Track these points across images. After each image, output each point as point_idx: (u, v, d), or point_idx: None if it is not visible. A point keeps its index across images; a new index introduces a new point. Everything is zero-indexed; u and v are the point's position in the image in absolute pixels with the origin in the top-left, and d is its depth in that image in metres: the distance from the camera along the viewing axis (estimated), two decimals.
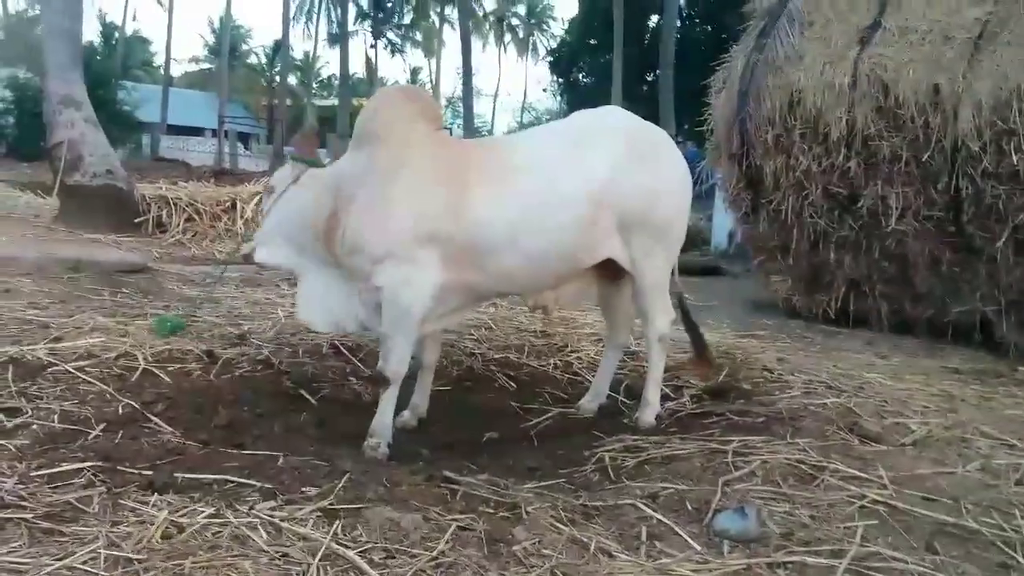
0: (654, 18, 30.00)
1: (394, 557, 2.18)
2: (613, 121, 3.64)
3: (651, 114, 4.39)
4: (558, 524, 2.48)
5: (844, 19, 6.89)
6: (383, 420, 3.31)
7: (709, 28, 28.66)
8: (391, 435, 3.32)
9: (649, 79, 29.92)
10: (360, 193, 3.25)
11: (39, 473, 2.55)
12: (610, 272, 3.69)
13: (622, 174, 3.40)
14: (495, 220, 3.23)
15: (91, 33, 44.51)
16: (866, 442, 3.33)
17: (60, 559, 2.03)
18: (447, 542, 2.27)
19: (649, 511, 2.63)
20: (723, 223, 12.20)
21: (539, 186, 3.31)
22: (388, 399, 3.32)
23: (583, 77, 34.09)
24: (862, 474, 2.93)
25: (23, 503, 2.33)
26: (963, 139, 6.02)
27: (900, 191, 6.41)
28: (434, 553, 2.20)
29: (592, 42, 32.23)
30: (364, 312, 3.40)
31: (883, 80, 6.35)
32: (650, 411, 3.74)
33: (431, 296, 3.25)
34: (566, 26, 41.11)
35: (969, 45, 6.16)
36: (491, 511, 2.55)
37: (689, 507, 2.69)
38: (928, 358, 5.64)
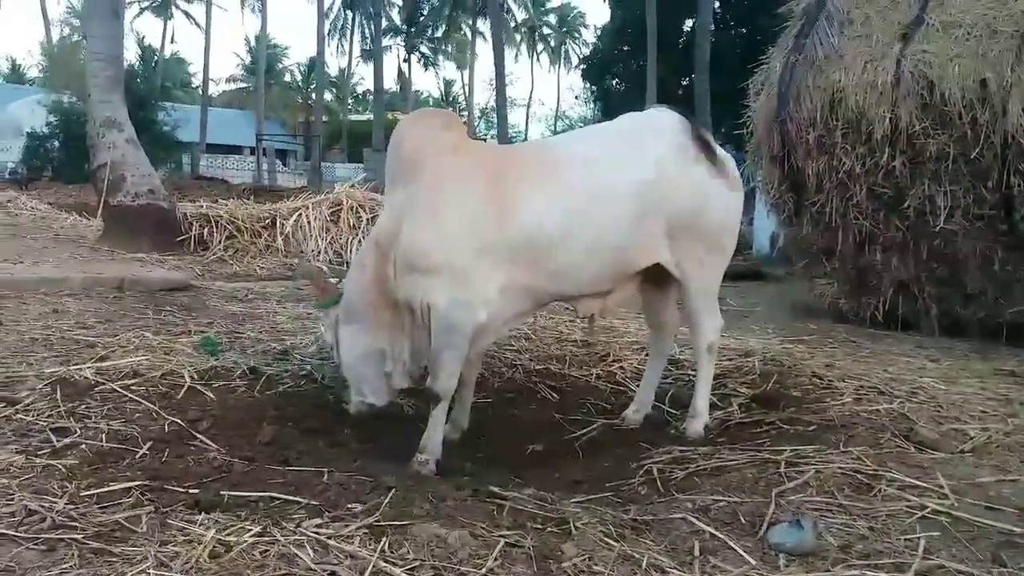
0: (688, 22, 29.82)
1: (442, 574, 2.15)
2: (660, 122, 3.60)
3: None
4: (608, 539, 2.43)
5: (885, 16, 6.76)
6: (433, 437, 3.27)
7: (744, 30, 28.42)
8: (440, 452, 3.29)
9: (684, 83, 29.71)
10: (406, 217, 3.20)
11: (88, 493, 2.56)
12: (655, 279, 3.63)
13: (668, 174, 3.35)
14: (543, 217, 3.19)
15: (130, 55, 45.46)
16: (923, 449, 3.23)
17: None
18: (495, 559, 2.23)
19: (701, 525, 2.56)
20: (765, 226, 12.06)
21: (582, 181, 3.27)
22: (438, 416, 3.28)
23: (616, 84, 33.97)
24: (921, 483, 2.84)
25: (73, 523, 2.34)
26: (1013, 134, 5.88)
27: (948, 190, 6.28)
28: (483, 571, 2.16)
29: (625, 48, 32.13)
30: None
31: (928, 76, 6.21)
32: (698, 421, 3.67)
33: (483, 310, 3.20)
34: (598, 33, 41.07)
35: (1017, 38, 6.00)
36: (539, 526, 2.51)
37: (742, 520, 2.62)
38: (982, 361, 5.48)
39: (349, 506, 2.55)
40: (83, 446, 2.99)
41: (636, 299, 3.87)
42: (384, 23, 48.01)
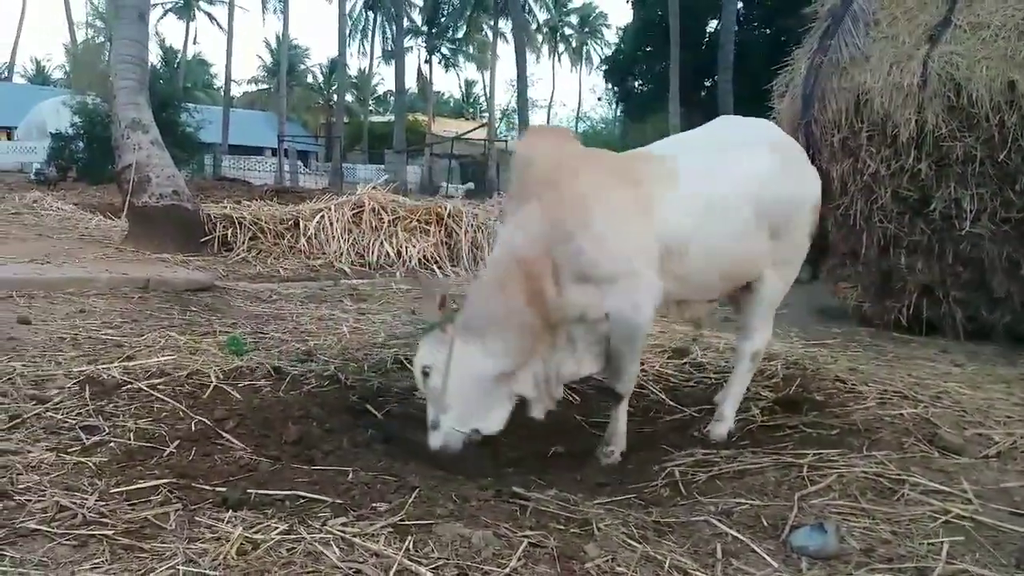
0: (711, 23, 29.72)
1: (467, 574, 2.16)
2: (766, 132, 3.70)
3: (709, 120, 4.41)
4: (631, 541, 2.44)
5: (912, 17, 6.71)
6: (618, 431, 3.43)
7: (768, 31, 28.29)
8: (625, 444, 3.43)
9: (707, 84, 29.62)
10: (561, 234, 3.11)
11: (118, 490, 2.60)
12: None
13: (774, 183, 3.41)
14: (680, 224, 3.23)
15: (153, 57, 45.82)
16: (947, 454, 3.21)
17: (141, 575, 2.07)
18: (519, 559, 2.24)
19: (723, 527, 2.57)
20: None
21: (707, 190, 3.31)
22: (621, 413, 3.42)
23: (639, 85, 33.90)
24: (944, 488, 2.83)
25: (104, 519, 2.38)
26: None
27: (975, 193, 6.21)
28: (506, 570, 2.18)
29: (648, 49, 32.06)
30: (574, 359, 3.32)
31: (955, 79, 6.16)
32: (723, 425, 3.66)
33: (656, 309, 3.26)
34: (620, 34, 40.98)
35: None
36: (562, 527, 2.53)
37: (765, 523, 2.62)
38: (1008, 366, 5.43)
39: (374, 505, 2.57)
40: (112, 444, 3.03)
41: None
42: (405, 24, 48.19)
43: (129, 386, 3.65)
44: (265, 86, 63.60)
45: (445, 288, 3.49)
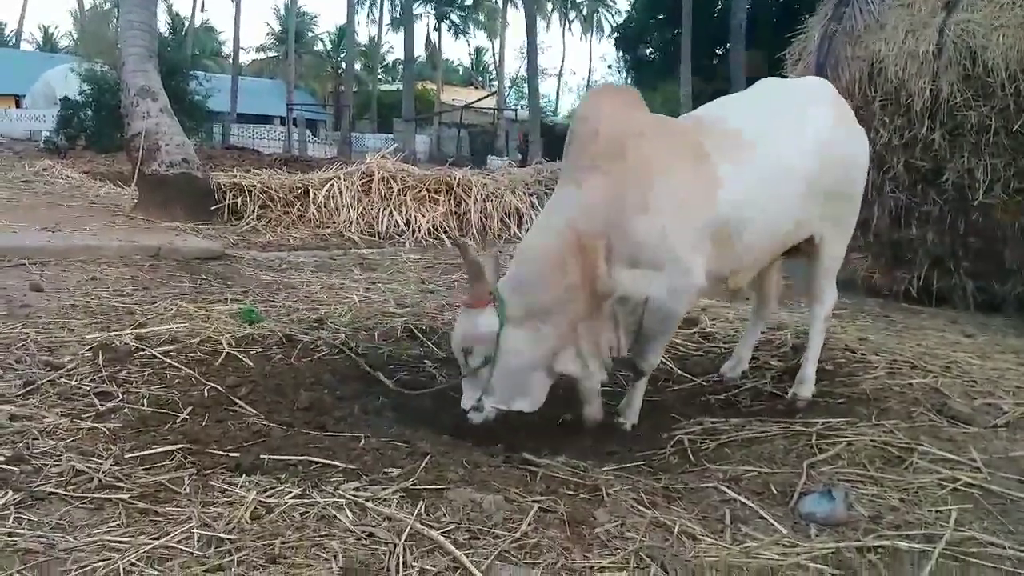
0: None
1: (478, 538, 2.19)
2: (820, 90, 3.67)
3: (722, 90, 4.39)
4: (640, 507, 2.46)
5: None
6: (633, 404, 3.46)
7: None
8: (637, 418, 3.45)
9: (719, 53, 29.32)
10: (620, 209, 3.02)
11: (133, 455, 2.63)
12: None
13: (831, 144, 3.39)
14: (741, 197, 3.15)
15: (160, 24, 45.47)
16: (956, 423, 3.23)
17: (156, 538, 2.10)
18: (529, 523, 2.27)
19: (732, 494, 2.59)
20: None
21: (766, 157, 3.24)
22: (640, 387, 3.46)
23: (650, 53, 33.57)
24: (953, 456, 2.84)
25: (119, 484, 2.42)
26: None
27: (988, 163, 6.18)
28: (517, 534, 2.20)
29: (659, 17, 31.71)
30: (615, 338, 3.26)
31: (971, 47, 6.10)
32: (807, 387, 3.65)
33: (695, 296, 3.29)
34: (632, 1, 40.48)
35: None
36: (571, 493, 2.55)
37: (773, 490, 2.64)
38: (1018, 337, 5.42)
39: (386, 470, 2.60)
40: (126, 410, 3.07)
41: None
42: None
43: (142, 353, 3.68)
44: (273, 54, 63.13)
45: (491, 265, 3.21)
